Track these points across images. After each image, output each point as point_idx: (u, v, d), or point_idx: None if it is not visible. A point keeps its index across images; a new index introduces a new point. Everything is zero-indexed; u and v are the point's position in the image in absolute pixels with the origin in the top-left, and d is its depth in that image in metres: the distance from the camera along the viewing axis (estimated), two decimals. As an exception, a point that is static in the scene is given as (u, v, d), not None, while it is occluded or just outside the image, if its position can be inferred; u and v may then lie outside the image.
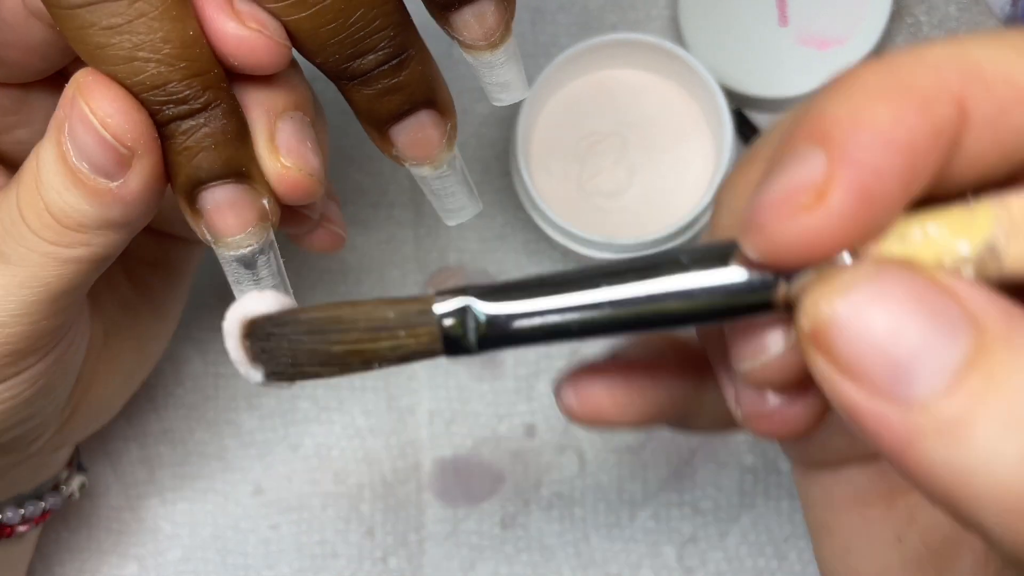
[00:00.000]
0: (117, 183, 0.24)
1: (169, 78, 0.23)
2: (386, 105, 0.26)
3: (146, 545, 0.44)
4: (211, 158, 0.24)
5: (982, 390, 0.15)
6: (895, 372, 0.15)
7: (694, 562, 0.42)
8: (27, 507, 0.34)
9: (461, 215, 0.30)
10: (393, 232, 0.45)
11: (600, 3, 0.46)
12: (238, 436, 0.44)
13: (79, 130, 0.23)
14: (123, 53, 0.23)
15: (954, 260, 0.17)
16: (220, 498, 0.44)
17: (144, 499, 0.44)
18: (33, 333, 0.27)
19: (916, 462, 0.15)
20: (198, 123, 0.24)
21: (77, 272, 0.26)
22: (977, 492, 0.15)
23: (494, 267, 0.45)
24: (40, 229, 0.25)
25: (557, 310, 0.18)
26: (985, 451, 0.15)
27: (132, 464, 0.45)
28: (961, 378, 0.15)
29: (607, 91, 0.42)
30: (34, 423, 0.31)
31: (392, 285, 0.45)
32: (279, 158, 0.26)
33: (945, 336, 0.15)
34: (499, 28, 0.26)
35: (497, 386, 0.44)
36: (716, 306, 0.18)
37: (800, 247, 0.16)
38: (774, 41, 0.43)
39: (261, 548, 0.44)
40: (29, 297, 0.26)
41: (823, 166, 0.16)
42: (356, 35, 0.25)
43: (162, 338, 0.38)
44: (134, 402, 0.45)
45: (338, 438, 0.44)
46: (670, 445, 0.43)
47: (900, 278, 0.16)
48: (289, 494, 0.44)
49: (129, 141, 0.23)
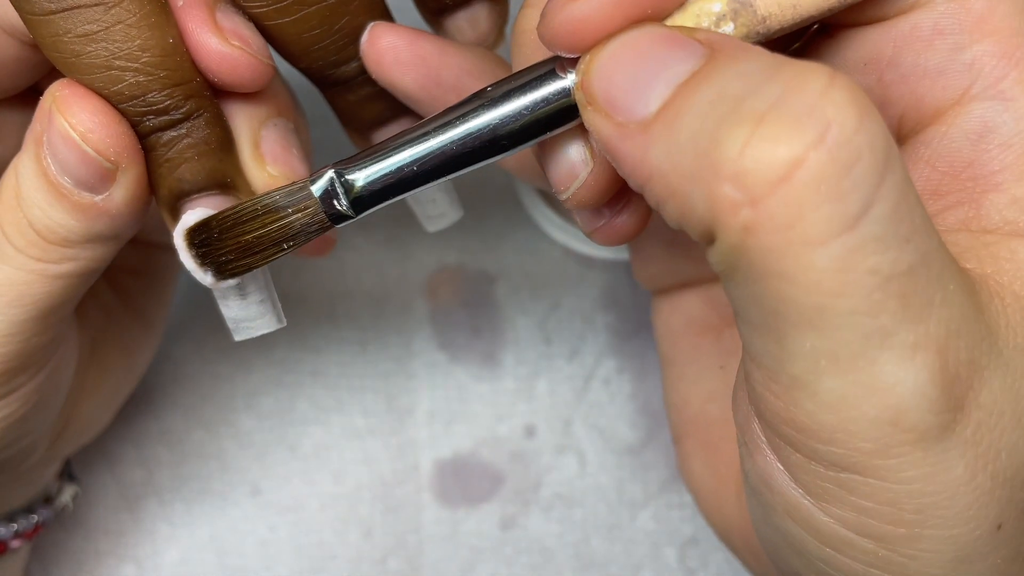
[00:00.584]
0: (101, 197, 0.23)
1: (149, 88, 0.23)
2: (368, 111, 0.26)
3: (143, 546, 0.44)
4: (194, 169, 0.24)
5: (691, 92, 0.18)
6: (634, 93, 0.18)
7: (695, 563, 0.42)
8: (19, 522, 0.33)
9: (441, 222, 0.30)
10: (393, 232, 0.45)
11: (600, 2, 0.46)
12: (236, 437, 0.44)
13: (59, 145, 0.23)
14: (100, 62, 0.22)
15: (710, 19, 0.19)
16: (218, 499, 0.44)
17: (141, 500, 0.44)
18: (24, 351, 0.26)
19: (631, 163, 0.19)
20: (180, 134, 0.23)
21: (66, 287, 0.25)
22: (652, 172, 0.18)
23: (494, 267, 0.44)
24: (25, 247, 0.24)
25: (407, 163, 0.22)
26: (672, 143, 0.17)
27: (129, 465, 0.44)
28: (683, 86, 0.18)
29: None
30: (28, 441, 0.30)
31: (392, 285, 0.44)
32: (265, 167, 0.25)
33: (678, 57, 0.18)
34: (493, 32, 0.26)
35: (497, 386, 0.44)
36: (537, 119, 0.21)
37: (572, 30, 0.19)
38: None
39: (259, 549, 0.44)
40: (19, 316, 0.25)
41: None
42: (340, 42, 0.24)
43: (148, 347, 0.37)
44: (131, 403, 0.44)
45: (336, 439, 0.44)
46: (670, 446, 0.43)
47: (647, 29, 0.19)
48: (287, 495, 0.44)
49: (112, 155, 0.23)
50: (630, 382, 0.44)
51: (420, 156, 0.22)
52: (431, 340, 0.44)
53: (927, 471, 0.18)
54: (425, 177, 0.22)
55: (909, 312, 0.17)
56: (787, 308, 0.17)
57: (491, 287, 0.45)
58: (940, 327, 0.17)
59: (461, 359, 0.44)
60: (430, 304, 0.45)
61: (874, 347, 0.17)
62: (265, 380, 0.44)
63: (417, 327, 0.44)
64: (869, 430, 0.18)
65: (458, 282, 0.45)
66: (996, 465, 0.18)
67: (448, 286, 0.45)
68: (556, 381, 0.44)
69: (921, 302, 0.17)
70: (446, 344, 0.44)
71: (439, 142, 0.21)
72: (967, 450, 0.18)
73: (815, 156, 0.16)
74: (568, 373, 0.44)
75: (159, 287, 0.37)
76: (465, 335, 0.44)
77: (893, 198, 0.17)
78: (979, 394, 0.18)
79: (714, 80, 0.17)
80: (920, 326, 0.17)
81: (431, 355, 0.44)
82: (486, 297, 0.44)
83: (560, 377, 0.44)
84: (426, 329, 0.44)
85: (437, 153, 0.22)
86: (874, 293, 0.17)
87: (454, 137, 0.21)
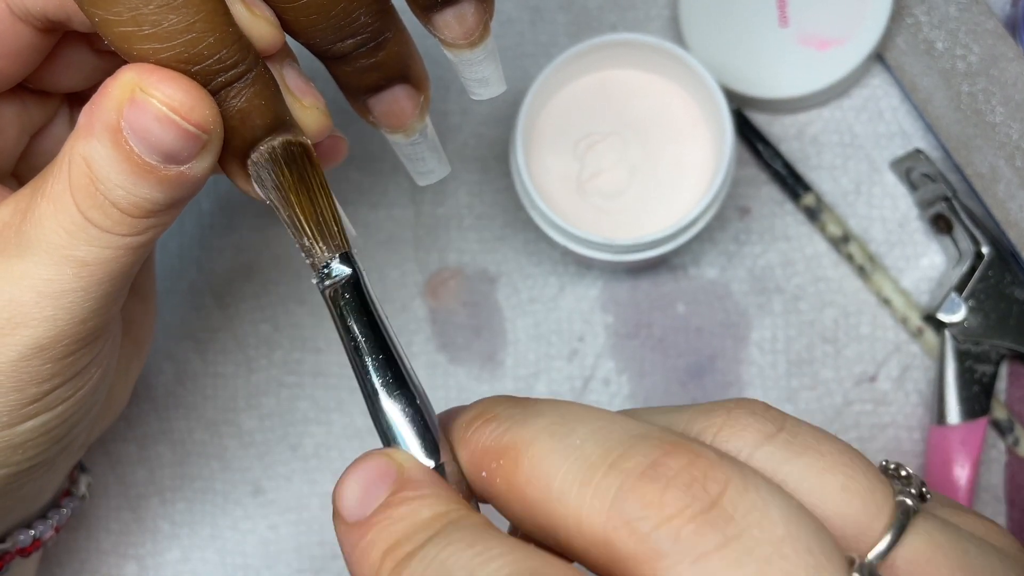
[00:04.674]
0: (188, 166, 0.24)
1: (223, 45, 0.24)
2: (364, 80, 0.28)
3: (145, 545, 0.44)
4: (264, 114, 0.25)
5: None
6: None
7: (694, 563, 0.42)
8: (51, 516, 0.35)
9: (431, 177, 0.33)
10: (393, 232, 0.45)
11: (600, 3, 0.46)
12: (237, 436, 0.44)
13: (153, 127, 0.24)
14: (182, 27, 0.23)
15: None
16: (219, 498, 0.44)
17: (143, 499, 0.44)
18: (105, 320, 0.27)
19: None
20: (247, 83, 0.25)
21: (142, 256, 0.27)
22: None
23: (494, 267, 0.45)
24: (112, 227, 0.25)
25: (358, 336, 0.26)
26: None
27: (131, 464, 0.45)
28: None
29: (607, 91, 0.42)
30: (84, 424, 0.31)
31: (392, 285, 0.45)
32: (299, 101, 0.27)
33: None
34: (478, 28, 0.28)
35: (497, 386, 0.44)
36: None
37: None
38: (774, 41, 0.43)
39: (260, 548, 0.44)
40: (107, 290, 0.26)
41: None
42: (338, 23, 0.26)
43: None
44: (134, 402, 0.45)
45: (337, 438, 0.44)
46: (670, 446, 0.43)
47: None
48: (288, 494, 0.44)
49: (211, 125, 0.24)
50: (629, 383, 0.44)
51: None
52: (431, 341, 0.44)
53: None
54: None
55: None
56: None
57: (491, 287, 0.45)
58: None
59: (461, 360, 0.44)
60: (430, 305, 0.45)
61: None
62: (267, 380, 0.45)
63: (417, 328, 0.44)
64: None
65: (458, 282, 0.45)
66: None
67: (448, 287, 0.45)
68: (556, 382, 0.44)
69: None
70: (446, 345, 0.44)
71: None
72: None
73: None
74: (567, 374, 0.44)
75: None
76: (465, 336, 0.44)
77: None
78: None
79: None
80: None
81: (431, 356, 0.44)
82: (486, 297, 0.45)
83: (560, 378, 0.44)
84: (426, 330, 0.44)
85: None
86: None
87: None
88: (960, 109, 0.41)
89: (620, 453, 0.21)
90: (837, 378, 0.43)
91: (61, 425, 0.29)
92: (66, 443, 0.31)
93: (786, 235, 0.44)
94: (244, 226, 0.46)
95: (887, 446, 0.43)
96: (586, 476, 0.21)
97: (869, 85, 0.44)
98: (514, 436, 0.23)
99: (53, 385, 0.28)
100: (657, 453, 0.21)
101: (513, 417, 0.23)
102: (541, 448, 0.22)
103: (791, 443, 0.23)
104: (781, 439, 0.23)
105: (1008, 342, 0.41)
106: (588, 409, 0.23)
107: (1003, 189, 0.41)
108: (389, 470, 0.23)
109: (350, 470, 0.24)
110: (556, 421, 0.23)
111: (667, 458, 0.21)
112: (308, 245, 0.26)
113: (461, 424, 0.25)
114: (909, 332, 0.43)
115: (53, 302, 0.26)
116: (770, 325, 0.43)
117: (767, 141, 0.44)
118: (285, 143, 0.26)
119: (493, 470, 0.23)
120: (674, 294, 0.44)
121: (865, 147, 0.44)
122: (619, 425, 0.22)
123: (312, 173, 0.26)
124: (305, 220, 0.26)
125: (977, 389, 0.41)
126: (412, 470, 0.24)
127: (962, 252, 0.42)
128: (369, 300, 0.26)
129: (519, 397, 0.25)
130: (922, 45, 0.42)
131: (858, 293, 0.43)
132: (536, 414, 0.23)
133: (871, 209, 0.44)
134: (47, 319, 0.26)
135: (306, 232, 0.26)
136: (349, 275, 0.26)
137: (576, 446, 0.22)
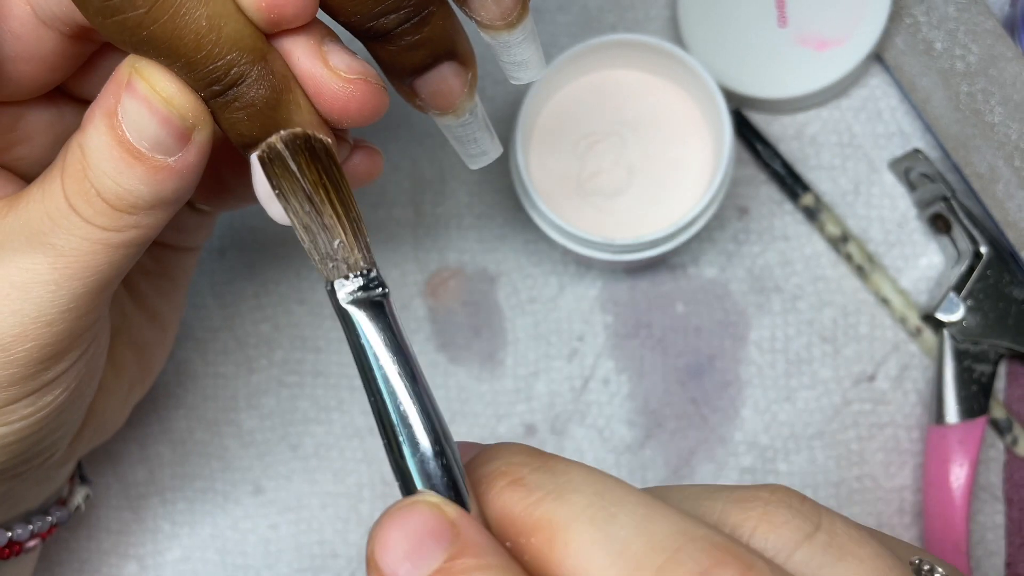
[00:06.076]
0: (175, 158, 0.25)
1: (243, 32, 0.24)
2: (409, 59, 0.27)
3: (146, 545, 0.44)
4: (282, 101, 0.25)
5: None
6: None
7: (693, 562, 0.42)
8: (35, 522, 0.34)
9: (483, 159, 0.31)
10: (393, 232, 0.45)
11: (599, 3, 0.46)
12: (238, 436, 0.45)
13: (142, 109, 0.24)
14: (216, 13, 0.24)
15: None
16: (220, 498, 0.44)
17: (144, 499, 0.44)
18: (75, 330, 0.27)
19: None
20: (263, 69, 0.25)
21: (124, 257, 0.26)
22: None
23: (494, 267, 0.45)
24: (93, 216, 0.25)
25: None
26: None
27: (132, 464, 0.45)
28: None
29: (607, 91, 0.42)
30: (60, 434, 0.31)
31: (392, 285, 0.45)
32: (341, 74, 0.26)
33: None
34: (516, 7, 0.26)
35: (497, 386, 0.44)
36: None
37: None
38: (773, 41, 0.43)
39: (260, 548, 0.44)
40: (79, 289, 0.26)
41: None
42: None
43: (162, 350, 0.38)
44: (134, 402, 0.45)
45: (337, 438, 0.44)
46: (668, 445, 0.43)
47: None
48: (288, 494, 0.44)
49: (193, 113, 0.24)
50: (628, 382, 0.44)
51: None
52: (431, 340, 0.44)
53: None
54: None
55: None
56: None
57: (491, 287, 0.45)
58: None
59: (461, 360, 0.44)
60: (430, 304, 0.45)
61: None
62: (267, 380, 0.45)
63: (417, 327, 0.44)
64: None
65: (458, 282, 0.45)
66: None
67: (448, 286, 0.45)
68: (555, 381, 0.44)
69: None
70: (446, 344, 0.44)
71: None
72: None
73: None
74: (567, 373, 0.44)
75: (172, 289, 0.37)
76: (465, 335, 0.44)
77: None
78: None
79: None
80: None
81: (431, 355, 0.44)
82: (486, 297, 0.45)
83: (559, 377, 0.44)
84: (426, 329, 0.45)
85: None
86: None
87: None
88: (959, 109, 0.42)
89: (668, 557, 0.20)
90: (836, 377, 0.43)
91: (18, 442, 0.28)
92: (29, 456, 0.30)
93: (785, 235, 0.44)
94: (245, 226, 0.46)
95: (885, 445, 0.43)
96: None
97: (868, 85, 0.44)
98: (549, 514, 0.21)
99: (9, 396, 0.27)
100: (708, 562, 0.20)
101: (544, 487, 0.21)
102: (580, 536, 0.20)
103: (830, 545, 0.22)
104: (820, 541, 0.22)
105: (1006, 341, 0.41)
106: (625, 488, 0.21)
107: (1002, 189, 0.41)
108: (442, 526, 0.21)
109: (393, 517, 0.21)
110: (595, 503, 0.21)
111: (718, 568, 0.19)
112: (336, 248, 0.24)
113: (482, 477, 0.22)
114: (908, 332, 0.43)
115: (22, 294, 0.26)
116: (769, 325, 0.43)
117: (766, 141, 0.44)
118: (313, 137, 0.25)
119: (522, 545, 0.21)
120: (673, 294, 0.44)
121: (864, 147, 0.44)
122: (662, 516, 0.21)
123: (340, 174, 0.25)
124: (343, 217, 0.24)
125: (975, 388, 0.41)
126: (468, 530, 0.21)
127: (961, 252, 0.42)
128: (395, 322, 0.23)
129: (541, 453, 0.23)
130: (921, 45, 0.43)
131: (857, 293, 0.44)
132: (572, 489, 0.21)
133: (870, 209, 0.44)
134: (14, 312, 0.26)
135: (341, 232, 0.24)
136: (384, 292, 0.24)
137: (619, 539, 0.20)
